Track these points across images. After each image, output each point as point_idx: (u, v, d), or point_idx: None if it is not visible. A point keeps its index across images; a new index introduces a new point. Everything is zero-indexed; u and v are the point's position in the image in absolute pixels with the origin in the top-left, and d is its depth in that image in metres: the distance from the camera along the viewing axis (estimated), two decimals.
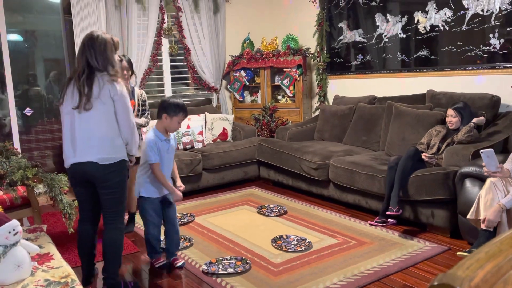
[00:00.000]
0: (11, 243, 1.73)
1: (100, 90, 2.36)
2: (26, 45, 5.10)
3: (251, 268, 2.87)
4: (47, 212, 4.23)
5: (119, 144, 2.46)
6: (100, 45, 2.42)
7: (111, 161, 2.42)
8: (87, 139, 2.41)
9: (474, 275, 0.67)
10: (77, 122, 2.42)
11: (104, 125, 2.40)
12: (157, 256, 2.98)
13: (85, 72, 2.38)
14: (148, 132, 2.89)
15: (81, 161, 2.42)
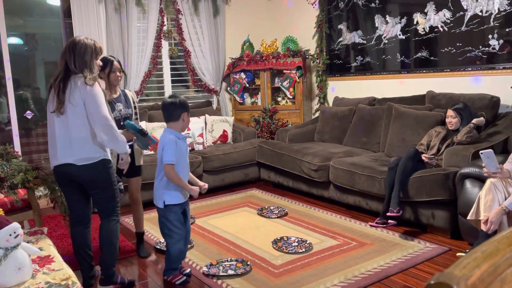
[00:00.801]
0: (12, 246, 1.74)
1: (71, 93, 2.40)
2: (26, 48, 5.12)
3: (252, 270, 2.87)
4: (48, 214, 4.24)
5: (98, 144, 2.48)
6: (80, 48, 2.46)
7: (90, 161, 2.45)
8: (65, 142, 2.45)
9: (471, 274, 0.68)
10: (56, 125, 2.46)
11: (80, 127, 2.43)
12: (175, 273, 2.78)
13: (60, 76, 2.45)
14: (163, 134, 2.70)
15: (61, 163, 2.47)
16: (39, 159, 5.08)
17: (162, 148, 2.63)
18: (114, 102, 3.01)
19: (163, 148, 2.63)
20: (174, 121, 2.67)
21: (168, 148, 2.60)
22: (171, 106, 2.66)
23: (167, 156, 2.60)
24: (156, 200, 2.72)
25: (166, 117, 2.69)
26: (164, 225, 2.73)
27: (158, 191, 2.70)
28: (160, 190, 2.69)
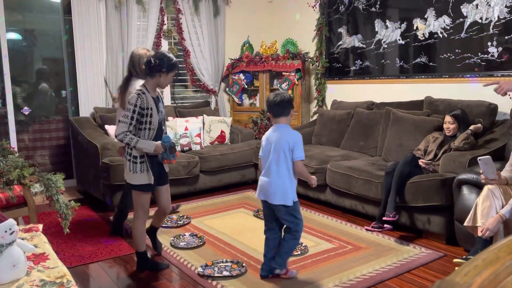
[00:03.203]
0: (7, 243, 1.72)
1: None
2: (25, 44, 5.10)
3: (247, 272, 2.86)
4: (43, 212, 4.22)
5: None
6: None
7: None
8: None
9: (472, 281, 0.67)
10: None
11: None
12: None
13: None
14: (288, 129, 2.71)
15: None
16: (35, 155, 5.06)
17: (287, 145, 2.62)
18: (157, 101, 2.77)
19: (290, 144, 2.62)
20: (285, 116, 2.71)
21: (301, 145, 2.64)
22: (283, 102, 2.67)
23: (300, 152, 2.62)
24: (282, 199, 2.63)
25: (278, 113, 2.68)
26: (292, 222, 2.70)
27: (283, 189, 2.63)
28: (286, 188, 2.63)
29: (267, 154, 2.68)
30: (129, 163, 2.73)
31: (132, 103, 2.64)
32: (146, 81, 2.77)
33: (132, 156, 2.72)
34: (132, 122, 2.64)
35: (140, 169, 2.72)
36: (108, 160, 4.16)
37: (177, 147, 4.90)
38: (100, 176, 4.23)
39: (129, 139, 2.64)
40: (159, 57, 2.70)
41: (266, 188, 2.67)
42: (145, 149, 2.66)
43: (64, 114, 5.27)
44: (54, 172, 2.86)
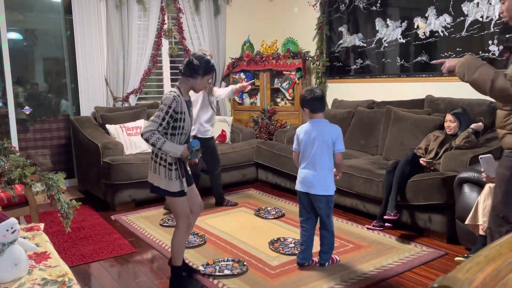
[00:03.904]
0: (9, 241, 1.72)
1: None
2: (26, 43, 5.10)
3: (248, 270, 2.86)
4: (45, 211, 4.22)
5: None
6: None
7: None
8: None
9: (474, 278, 0.68)
10: None
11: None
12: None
13: None
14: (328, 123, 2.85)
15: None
16: (37, 155, 5.06)
17: (331, 138, 2.78)
18: (188, 105, 2.66)
19: (333, 137, 2.78)
20: (322, 111, 2.87)
21: (342, 137, 2.83)
22: (323, 98, 2.87)
23: (341, 145, 2.82)
24: (326, 189, 2.80)
25: (318, 108, 2.83)
26: (329, 211, 2.87)
27: (327, 180, 2.81)
28: (328, 179, 2.81)
29: (308, 147, 2.82)
30: (164, 169, 2.51)
31: (166, 104, 2.46)
32: (181, 83, 2.61)
33: (167, 162, 2.51)
34: (163, 123, 2.45)
35: (175, 176, 2.52)
36: (109, 160, 4.17)
37: None
38: (101, 175, 4.24)
39: (156, 139, 2.42)
40: (198, 58, 2.58)
41: (309, 180, 2.81)
42: (171, 152, 2.46)
43: (65, 113, 5.27)
44: (55, 172, 2.87)
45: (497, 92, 2.00)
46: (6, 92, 4.76)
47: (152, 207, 4.32)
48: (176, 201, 2.59)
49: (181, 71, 2.62)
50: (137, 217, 4.04)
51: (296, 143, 2.91)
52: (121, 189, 4.22)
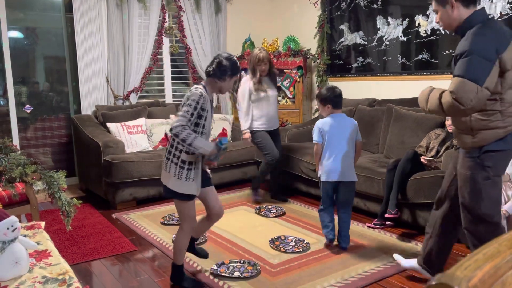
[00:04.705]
0: (9, 239, 1.73)
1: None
2: (27, 42, 5.10)
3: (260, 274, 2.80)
4: (46, 209, 4.23)
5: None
6: None
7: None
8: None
9: (473, 275, 0.67)
10: None
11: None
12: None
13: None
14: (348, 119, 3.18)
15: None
16: (38, 153, 5.07)
17: (354, 129, 3.15)
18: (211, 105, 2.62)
19: (355, 128, 3.16)
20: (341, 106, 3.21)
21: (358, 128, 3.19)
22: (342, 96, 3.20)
23: (359, 134, 3.19)
24: (352, 175, 3.16)
25: (339, 104, 3.18)
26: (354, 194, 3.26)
27: (353, 167, 3.18)
28: (352, 167, 3.17)
29: (335, 138, 3.11)
30: (175, 166, 2.44)
31: (195, 99, 2.40)
32: (208, 84, 2.54)
33: (180, 160, 2.43)
34: (192, 118, 2.40)
35: (186, 176, 2.44)
36: (110, 158, 4.17)
37: None
38: (102, 173, 4.24)
39: (187, 134, 2.35)
40: (228, 59, 2.52)
41: (341, 169, 3.11)
42: (201, 149, 2.38)
43: (65, 112, 5.28)
44: (56, 170, 2.87)
45: (448, 110, 2.08)
46: (7, 91, 4.76)
47: (153, 206, 4.33)
48: (183, 204, 2.53)
49: (210, 73, 2.52)
50: (138, 215, 4.04)
51: (319, 135, 3.13)
52: (122, 187, 4.23)
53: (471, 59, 2.00)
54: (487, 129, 2.11)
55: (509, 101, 2.10)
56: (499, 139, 2.11)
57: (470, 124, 2.14)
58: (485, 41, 2.02)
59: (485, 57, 1.99)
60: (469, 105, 1.99)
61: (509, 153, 2.18)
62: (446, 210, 2.46)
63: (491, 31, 2.06)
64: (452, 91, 2.01)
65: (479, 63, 1.99)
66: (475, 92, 1.97)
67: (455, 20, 2.19)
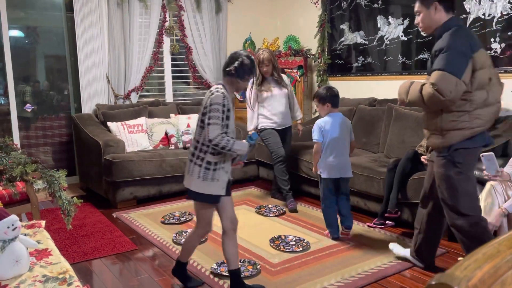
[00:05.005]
0: (10, 238, 1.73)
1: None
2: (28, 41, 5.10)
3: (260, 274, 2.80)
4: (46, 208, 4.24)
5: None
6: None
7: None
8: None
9: (472, 275, 0.67)
10: None
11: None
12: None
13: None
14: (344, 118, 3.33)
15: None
16: (38, 152, 5.07)
17: (349, 128, 3.34)
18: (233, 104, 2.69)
19: (350, 127, 3.35)
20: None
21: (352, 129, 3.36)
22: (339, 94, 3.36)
23: (353, 135, 3.37)
24: (350, 172, 3.33)
25: (337, 102, 3.34)
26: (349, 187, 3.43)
27: (349, 164, 3.34)
28: (349, 164, 3.34)
29: (335, 136, 3.22)
30: (199, 168, 2.37)
31: (219, 102, 2.32)
32: (227, 83, 2.47)
33: (205, 161, 2.37)
34: (222, 123, 2.33)
35: (211, 177, 2.37)
36: (110, 157, 4.17)
37: (179, 144, 4.91)
38: (103, 173, 4.25)
39: (226, 141, 2.30)
40: (248, 58, 2.45)
41: (342, 165, 3.27)
42: (239, 151, 2.36)
43: (66, 111, 5.28)
44: (57, 169, 2.87)
45: (428, 101, 2.24)
46: (8, 89, 4.76)
47: (154, 205, 4.33)
48: (204, 206, 2.46)
49: (230, 72, 2.44)
50: (138, 214, 4.04)
51: (320, 134, 3.24)
52: (122, 186, 4.23)
53: (449, 54, 2.19)
54: (455, 130, 2.27)
55: (477, 103, 2.25)
56: (466, 139, 2.27)
57: (440, 124, 2.30)
58: (461, 40, 2.23)
59: (462, 52, 2.18)
60: (448, 96, 2.16)
61: (476, 151, 2.36)
62: (430, 208, 2.63)
63: (465, 33, 2.29)
64: (433, 82, 2.18)
65: (457, 58, 2.18)
66: (454, 84, 2.15)
67: (435, 23, 2.38)
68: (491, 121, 2.34)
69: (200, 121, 2.41)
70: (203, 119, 2.37)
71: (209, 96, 2.38)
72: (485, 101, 2.27)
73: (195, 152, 2.41)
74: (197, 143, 2.41)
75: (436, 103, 2.22)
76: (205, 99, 2.41)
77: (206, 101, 2.39)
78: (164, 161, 4.41)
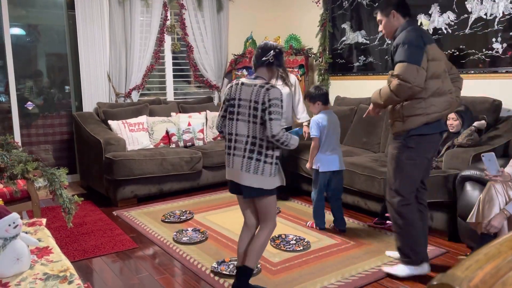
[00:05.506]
0: (11, 236, 1.73)
1: None
2: (29, 39, 5.10)
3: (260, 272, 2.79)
4: (47, 206, 4.24)
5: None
6: None
7: None
8: None
9: (473, 275, 0.67)
10: None
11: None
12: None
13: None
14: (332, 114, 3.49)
15: None
16: (39, 150, 5.07)
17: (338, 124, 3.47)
18: None
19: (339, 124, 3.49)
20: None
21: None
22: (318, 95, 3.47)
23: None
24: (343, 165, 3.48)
25: (328, 101, 3.53)
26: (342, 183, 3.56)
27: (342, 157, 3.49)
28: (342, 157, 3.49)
29: (331, 132, 3.35)
30: (270, 166, 2.33)
31: (278, 97, 2.30)
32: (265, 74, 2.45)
33: (274, 157, 2.35)
34: (282, 118, 2.36)
35: (276, 170, 2.37)
36: (111, 155, 4.18)
37: (180, 142, 4.91)
38: (103, 171, 4.25)
39: (286, 137, 2.30)
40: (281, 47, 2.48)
41: (338, 159, 3.41)
42: (292, 145, 2.36)
43: (67, 109, 5.28)
44: (58, 167, 2.87)
45: (399, 93, 2.49)
46: (9, 87, 4.76)
47: (154, 203, 4.33)
48: (273, 198, 2.43)
49: (268, 61, 2.41)
50: (139, 213, 4.05)
51: (318, 130, 3.38)
52: (123, 185, 4.24)
53: (407, 47, 2.48)
54: (414, 116, 2.54)
55: (430, 90, 2.52)
56: (423, 124, 2.53)
57: (402, 111, 2.57)
58: (414, 35, 2.53)
59: (417, 44, 2.48)
60: (414, 82, 2.42)
61: (433, 137, 2.62)
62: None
63: (418, 30, 2.61)
64: (397, 74, 2.46)
65: (414, 49, 2.47)
66: (416, 71, 2.43)
67: (395, 28, 2.69)
68: (447, 110, 2.61)
69: (252, 117, 2.32)
70: (261, 115, 2.30)
71: (263, 92, 2.30)
72: (438, 90, 2.54)
73: (262, 151, 2.33)
74: (254, 139, 2.33)
75: (405, 91, 2.47)
76: (254, 94, 2.33)
77: (258, 96, 2.31)
78: (165, 159, 4.41)
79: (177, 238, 3.37)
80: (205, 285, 2.69)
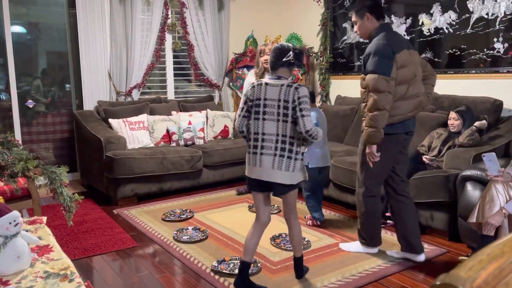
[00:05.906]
0: (12, 234, 1.73)
1: None
2: (30, 37, 5.10)
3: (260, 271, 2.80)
4: (47, 204, 4.24)
5: None
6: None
7: None
8: None
9: (476, 276, 0.67)
10: None
11: None
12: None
13: None
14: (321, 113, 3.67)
15: None
16: (40, 148, 5.07)
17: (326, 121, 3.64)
18: None
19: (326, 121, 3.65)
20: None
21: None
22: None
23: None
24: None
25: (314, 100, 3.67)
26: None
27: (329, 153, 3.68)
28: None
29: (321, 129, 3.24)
30: (300, 162, 2.44)
31: (307, 95, 2.38)
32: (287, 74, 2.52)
33: (300, 154, 2.44)
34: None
35: (302, 166, 2.47)
36: (111, 154, 4.17)
37: (181, 141, 4.90)
38: (104, 169, 4.25)
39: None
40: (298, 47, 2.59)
41: (327, 155, 3.61)
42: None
43: (68, 107, 5.28)
44: (58, 165, 2.87)
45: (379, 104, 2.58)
46: (10, 85, 4.76)
47: (154, 202, 4.33)
48: (297, 191, 2.56)
49: (289, 62, 2.47)
50: (139, 211, 4.05)
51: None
52: (123, 183, 4.24)
53: (377, 58, 2.59)
54: None
55: (397, 95, 2.63)
56: (387, 125, 2.64)
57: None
58: (384, 44, 2.61)
59: (385, 55, 2.58)
60: (385, 90, 2.56)
61: (397, 137, 2.74)
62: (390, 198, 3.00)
63: (389, 38, 2.66)
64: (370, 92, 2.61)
65: (383, 60, 2.58)
66: (386, 81, 2.56)
67: (369, 30, 2.77)
68: (412, 112, 2.71)
69: (282, 116, 2.38)
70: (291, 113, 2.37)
71: (293, 91, 2.38)
72: (404, 95, 2.65)
73: (292, 148, 2.41)
74: (283, 137, 2.40)
75: (383, 100, 2.58)
76: (283, 94, 2.39)
77: (288, 95, 2.38)
78: (165, 158, 4.41)
79: (177, 237, 3.37)
80: (205, 284, 2.69)
